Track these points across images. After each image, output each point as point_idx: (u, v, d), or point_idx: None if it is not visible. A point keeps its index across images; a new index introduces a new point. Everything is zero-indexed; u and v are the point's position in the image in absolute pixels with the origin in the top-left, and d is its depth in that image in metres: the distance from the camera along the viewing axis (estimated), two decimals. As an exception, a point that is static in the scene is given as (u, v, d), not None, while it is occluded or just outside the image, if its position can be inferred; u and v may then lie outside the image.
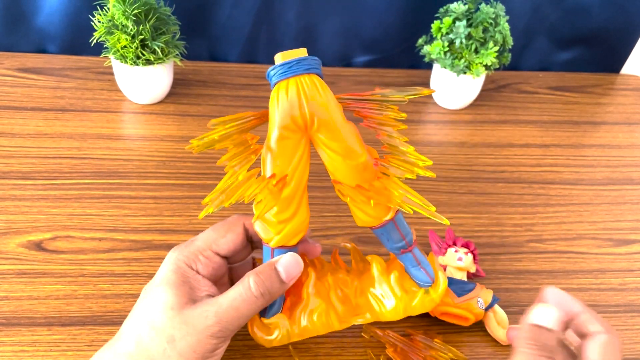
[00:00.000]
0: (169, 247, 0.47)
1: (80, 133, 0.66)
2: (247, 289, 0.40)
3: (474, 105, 0.79)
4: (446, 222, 0.41)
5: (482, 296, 0.49)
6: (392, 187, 0.41)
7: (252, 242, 0.46)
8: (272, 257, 0.43)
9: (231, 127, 0.39)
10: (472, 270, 0.52)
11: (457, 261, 0.52)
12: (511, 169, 0.69)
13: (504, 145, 0.73)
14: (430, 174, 0.41)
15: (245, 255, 0.47)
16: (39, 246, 0.53)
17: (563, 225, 0.63)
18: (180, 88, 0.75)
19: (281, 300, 0.44)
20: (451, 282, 0.50)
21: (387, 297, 0.45)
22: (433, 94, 0.78)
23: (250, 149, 0.41)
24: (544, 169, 0.70)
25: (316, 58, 0.39)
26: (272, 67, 0.39)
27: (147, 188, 0.61)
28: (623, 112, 0.82)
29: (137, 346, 0.39)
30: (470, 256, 0.52)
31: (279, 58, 0.39)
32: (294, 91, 0.38)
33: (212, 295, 0.41)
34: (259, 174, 0.41)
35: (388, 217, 0.43)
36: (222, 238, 0.43)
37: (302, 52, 0.39)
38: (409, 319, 0.46)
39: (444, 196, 0.64)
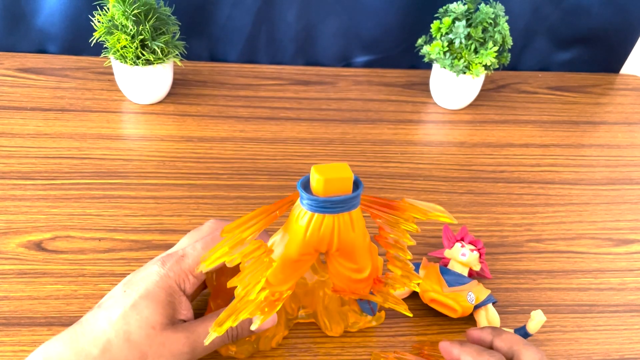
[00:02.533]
0: (168, 247, 0.47)
1: (80, 133, 0.66)
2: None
3: (473, 105, 0.79)
4: (417, 289, 0.43)
5: (474, 292, 0.49)
6: (381, 295, 0.44)
7: None
8: None
9: (243, 232, 0.35)
10: (476, 268, 0.52)
11: (461, 256, 0.52)
12: (511, 169, 0.69)
13: (503, 145, 0.73)
14: (416, 288, 0.43)
15: None
16: (39, 246, 0.53)
17: (562, 225, 0.63)
18: (180, 88, 0.75)
19: None
20: (447, 272, 0.51)
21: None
22: (433, 94, 0.78)
23: (266, 249, 0.37)
24: (543, 169, 0.70)
25: (360, 190, 0.35)
26: (310, 196, 0.34)
27: (147, 188, 0.61)
28: (622, 112, 0.82)
29: (104, 352, 0.38)
30: (475, 254, 0.52)
31: (317, 177, 0.33)
32: (329, 229, 0.35)
33: (185, 320, 0.41)
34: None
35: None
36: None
37: (343, 170, 0.33)
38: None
39: (443, 196, 0.64)
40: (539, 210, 0.64)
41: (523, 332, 0.47)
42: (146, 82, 0.69)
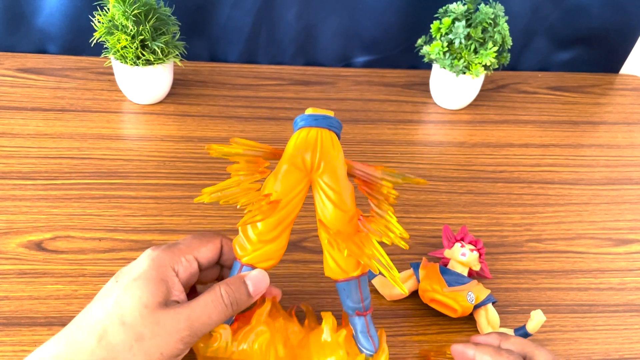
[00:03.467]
0: (169, 247, 0.47)
1: (81, 133, 0.67)
2: (218, 297, 0.40)
3: (473, 105, 0.79)
4: (396, 274, 0.43)
5: (474, 292, 0.49)
6: (367, 245, 0.44)
7: (221, 266, 0.47)
8: (241, 272, 0.44)
9: (249, 148, 0.43)
10: (476, 268, 0.53)
11: (461, 256, 0.52)
12: (510, 169, 0.69)
13: (503, 145, 0.73)
14: (403, 244, 0.43)
15: (212, 276, 0.47)
16: (39, 246, 0.53)
17: (562, 225, 0.63)
18: (180, 88, 0.76)
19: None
20: (447, 272, 0.51)
21: (329, 354, 0.45)
22: (433, 94, 0.79)
23: (259, 170, 0.44)
24: (543, 169, 0.70)
25: (339, 122, 0.44)
26: (300, 116, 0.44)
27: (147, 188, 0.61)
28: (622, 112, 0.82)
29: (100, 340, 0.37)
30: (475, 254, 0.53)
31: (309, 111, 0.44)
32: (313, 137, 0.43)
33: (179, 302, 0.41)
34: (259, 190, 0.43)
35: (355, 273, 0.44)
36: (204, 247, 0.44)
37: (329, 114, 0.44)
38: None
39: (443, 196, 0.64)
40: (539, 210, 0.64)
41: (523, 332, 0.47)
42: (146, 82, 0.69)
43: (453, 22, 0.71)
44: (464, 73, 0.72)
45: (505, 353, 0.41)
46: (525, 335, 0.47)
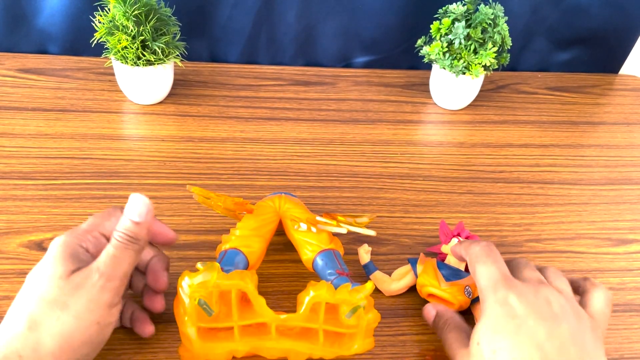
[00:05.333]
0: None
1: (81, 133, 0.67)
2: (113, 242, 0.41)
3: (472, 105, 0.79)
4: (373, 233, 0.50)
5: (471, 286, 0.50)
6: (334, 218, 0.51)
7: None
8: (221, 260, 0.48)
9: (226, 203, 0.51)
10: None
11: None
12: (510, 169, 0.70)
13: (502, 146, 0.73)
14: (363, 229, 0.49)
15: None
16: (39, 246, 0.53)
17: (562, 225, 0.63)
18: (180, 89, 0.76)
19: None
20: (444, 267, 0.51)
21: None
22: (432, 95, 0.79)
23: (237, 215, 0.53)
24: (542, 169, 0.70)
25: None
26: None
27: (147, 188, 0.61)
28: (621, 112, 0.83)
29: (29, 323, 0.38)
30: None
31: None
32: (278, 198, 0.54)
33: None
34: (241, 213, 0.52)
35: (329, 246, 0.50)
36: (107, 221, 0.44)
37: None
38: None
39: (443, 196, 0.64)
40: (538, 210, 0.64)
41: None
42: (147, 82, 0.69)
43: (453, 23, 0.71)
44: (464, 73, 0.73)
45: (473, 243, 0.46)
46: None
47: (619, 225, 0.64)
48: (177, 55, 0.69)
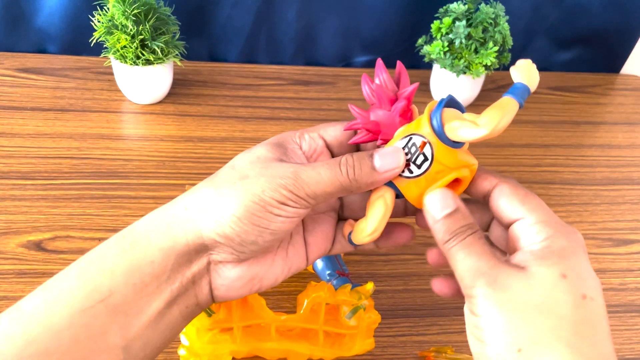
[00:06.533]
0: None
1: (80, 133, 0.66)
2: (335, 160, 0.36)
3: (473, 105, 0.79)
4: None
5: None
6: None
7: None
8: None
9: None
10: None
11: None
12: (511, 169, 0.69)
13: (504, 145, 0.73)
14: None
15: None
16: (38, 246, 0.53)
17: (563, 225, 0.63)
18: (180, 88, 0.75)
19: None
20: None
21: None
22: (433, 94, 0.78)
23: None
24: (544, 169, 0.70)
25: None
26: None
27: (147, 188, 0.61)
28: (623, 112, 0.82)
29: (208, 181, 0.38)
30: None
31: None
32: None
33: None
34: None
35: None
36: (330, 126, 0.41)
37: None
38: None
39: (443, 196, 0.64)
40: (539, 210, 0.64)
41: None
42: (146, 82, 0.69)
43: (453, 22, 0.71)
44: (465, 73, 0.72)
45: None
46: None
47: (621, 226, 0.63)
48: (177, 54, 0.69)
